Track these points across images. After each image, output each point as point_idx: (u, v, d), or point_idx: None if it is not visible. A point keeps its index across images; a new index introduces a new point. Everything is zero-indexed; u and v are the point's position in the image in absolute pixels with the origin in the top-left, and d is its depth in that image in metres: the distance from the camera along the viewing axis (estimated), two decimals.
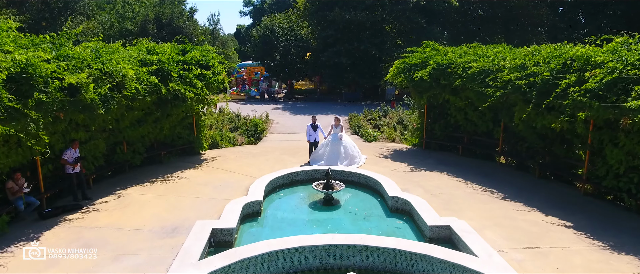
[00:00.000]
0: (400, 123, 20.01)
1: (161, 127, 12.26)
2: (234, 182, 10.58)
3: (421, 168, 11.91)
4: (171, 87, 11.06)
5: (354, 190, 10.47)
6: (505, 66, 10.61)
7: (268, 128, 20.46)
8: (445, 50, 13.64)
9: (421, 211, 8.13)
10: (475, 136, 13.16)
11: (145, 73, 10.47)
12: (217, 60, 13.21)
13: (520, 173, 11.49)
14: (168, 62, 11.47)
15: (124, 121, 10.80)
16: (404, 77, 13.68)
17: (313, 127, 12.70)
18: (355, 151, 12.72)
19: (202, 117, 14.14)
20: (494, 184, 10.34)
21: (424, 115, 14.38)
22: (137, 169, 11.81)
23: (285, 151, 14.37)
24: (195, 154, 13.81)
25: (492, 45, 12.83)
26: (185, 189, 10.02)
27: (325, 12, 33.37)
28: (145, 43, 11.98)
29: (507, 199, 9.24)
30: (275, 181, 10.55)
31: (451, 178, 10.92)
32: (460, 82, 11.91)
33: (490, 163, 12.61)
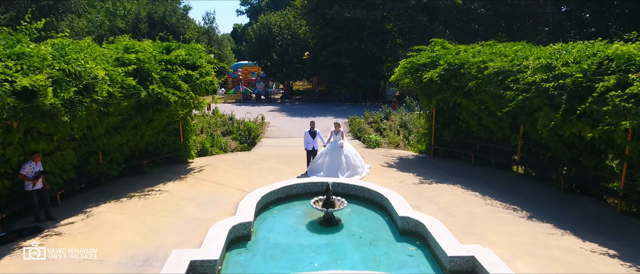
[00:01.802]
0: (404, 127, 18.85)
1: (142, 134, 11.03)
2: (222, 197, 9.36)
3: (431, 180, 10.72)
4: (152, 90, 9.84)
5: (357, 206, 9.27)
6: (528, 66, 9.43)
7: (263, 132, 19.25)
8: (457, 48, 12.45)
9: (438, 236, 6.93)
10: (489, 143, 11.98)
11: (121, 74, 9.25)
12: (206, 59, 12.00)
13: (542, 186, 10.32)
14: (149, 61, 10.24)
15: (97, 128, 9.58)
16: (410, 78, 12.48)
17: (311, 133, 11.48)
18: (357, 160, 11.52)
19: (190, 123, 12.91)
20: (516, 199, 9.16)
21: (432, 119, 13.19)
22: (115, 181, 10.57)
23: (281, 159, 13.16)
24: (182, 163, 12.57)
25: (510, 43, 11.64)
26: (165, 207, 8.79)
27: (324, 10, 32.20)
28: (124, 40, 10.74)
29: (534, 219, 8.05)
30: (268, 195, 9.33)
31: (466, 192, 9.73)
32: (475, 84, 10.73)
33: (507, 173, 11.43)
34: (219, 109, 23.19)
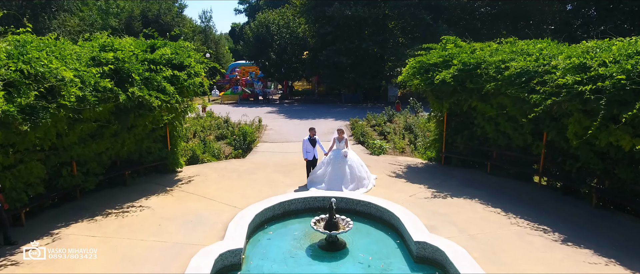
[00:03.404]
0: (409, 130, 17.73)
1: (123, 142, 9.91)
2: (210, 215, 8.25)
3: (446, 193, 9.62)
4: (131, 93, 8.72)
5: (364, 225, 8.18)
6: (557, 67, 8.33)
7: (260, 136, 18.13)
8: (472, 46, 11.33)
9: (462, 268, 5.86)
10: (507, 151, 10.88)
11: (95, 75, 8.14)
12: (195, 58, 10.89)
13: (570, 200, 9.23)
14: (129, 61, 9.13)
15: (69, 136, 8.46)
16: (420, 79, 11.37)
17: (311, 141, 10.36)
18: (363, 170, 10.40)
19: (179, 128, 11.79)
20: (544, 218, 8.06)
21: (443, 124, 12.08)
22: (92, 195, 9.46)
23: (278, 168, 12.04)
24: (169, 173, 11.44)
25: (531, 41, 10.53)
26: (144, 227, 7.68)
27: (324, 7, 30.99)
28: (101, 37, 9.62)
29: (570, 243, 6.96)
30: (263, 213, 8.24)
31: (487, 208, 8.64)
32: (494, 86, 9.63)
33: (528, 185, 10.33)
34: (213, 111, 22.10)
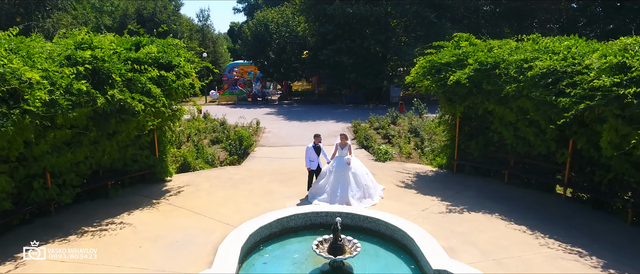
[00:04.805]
0: (415, 133, 16.80)
1: (104, 149, 8.96)
2: (199, 234, 7.30)
3: (462, 206, 8.68)
4: (111, 96, 7.77)
5: (372, 245, 7.24)
6: (591, 66, 7.39)
7: (258, 139, 17.18)
8: (489, 44, 10.39)
9: None
10: (527, 159, 9.94)
11: (68, 76, 7.19)
12: (184, 57, 9.94)
13: (600, 215, 8.29)
14: (109, 59, 8.18)
15: (40, 144, 7.51)
16: (431, 80, 10.43)
17: (316, 149, 9.42)
18: (368, 179, 9.46)
19: (168, 133, 10.84)
20: (576, 237, 7.13)
21: (456, 129, 11.14)
22: (69, 209, 8.50)
23: (276, 176, 11.09)
24: (157, 182, 10.47)
25: (559, 37, 9.59)
26: (123, 250, 6.73)
27: (324, 5, 30.03)
28: (79, 34, 8.66)
29: (612, 271, 6.03)
30: (258, 232, 7.29)
31: (510, 225, 7.69)
32: (515, 87, 8.69)
33: (551, 197, 9.38)
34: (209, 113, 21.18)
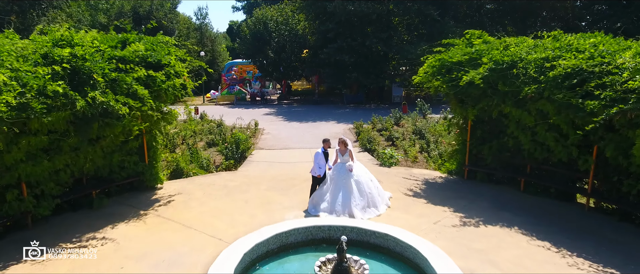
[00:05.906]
0: (420, 135, 16.09)
1: (86, 156, 8.23)
2: (188, 252, 6.58)
3: (477, 218, 7.95)
4: (92, 99, 7.04)
5: (380, 265, 6.53)
6: (624, 66, 6.66)
7: (256, 141, 16.46)
8: (505, 42, 9.66)
9: None
10: (544, 165, 9.22)
11: (43, 77, 6.46)
12: (176, 56, 9.21)
13: (629, 228, 7.58)
14: (90, 58, 7.45)
15: (13, 152, 6.78)
16: (441, 80, 9.70)
17: (325, 155, 8.69)
18: (373, 186, 8.73)
19: (159, 138, 10.11)
20: (607, 255, 6.42)
21: (467, 133, 10.42)
22: (48, 222, 7.76)
23: (275, 183, 10.36)
24: (147, 191, 9.74)
25: (582, 34, 8.85)
26: (101, 272, 6.00)
27: (325, 3, 29.30)
28: (58, 30, 7.92)
29: None
30: (254, 250, 6.57)
31: (532, 241, 6.96)
32: (535, 89, 7.96)
33: (572, 207, 8.66)
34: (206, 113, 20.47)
